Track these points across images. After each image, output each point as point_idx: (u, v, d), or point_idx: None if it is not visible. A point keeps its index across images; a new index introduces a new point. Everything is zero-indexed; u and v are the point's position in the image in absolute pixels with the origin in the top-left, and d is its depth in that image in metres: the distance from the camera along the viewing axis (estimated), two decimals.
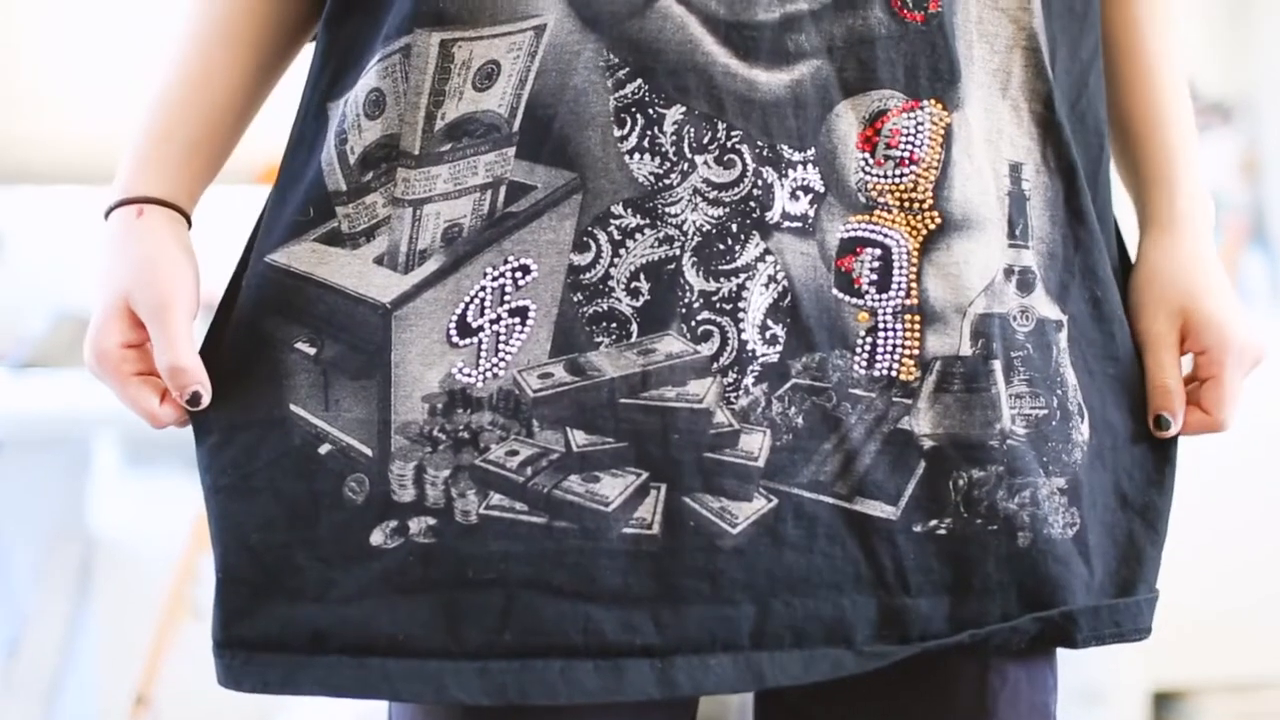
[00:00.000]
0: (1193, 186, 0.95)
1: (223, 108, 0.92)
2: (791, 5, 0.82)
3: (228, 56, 0.92)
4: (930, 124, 0.84)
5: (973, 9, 0.86)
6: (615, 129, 0.82)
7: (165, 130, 0.90)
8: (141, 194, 0.88)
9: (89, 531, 2.78)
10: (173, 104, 0.90)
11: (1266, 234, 3.56)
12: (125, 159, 0.90)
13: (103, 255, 0.87)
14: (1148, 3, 0.97)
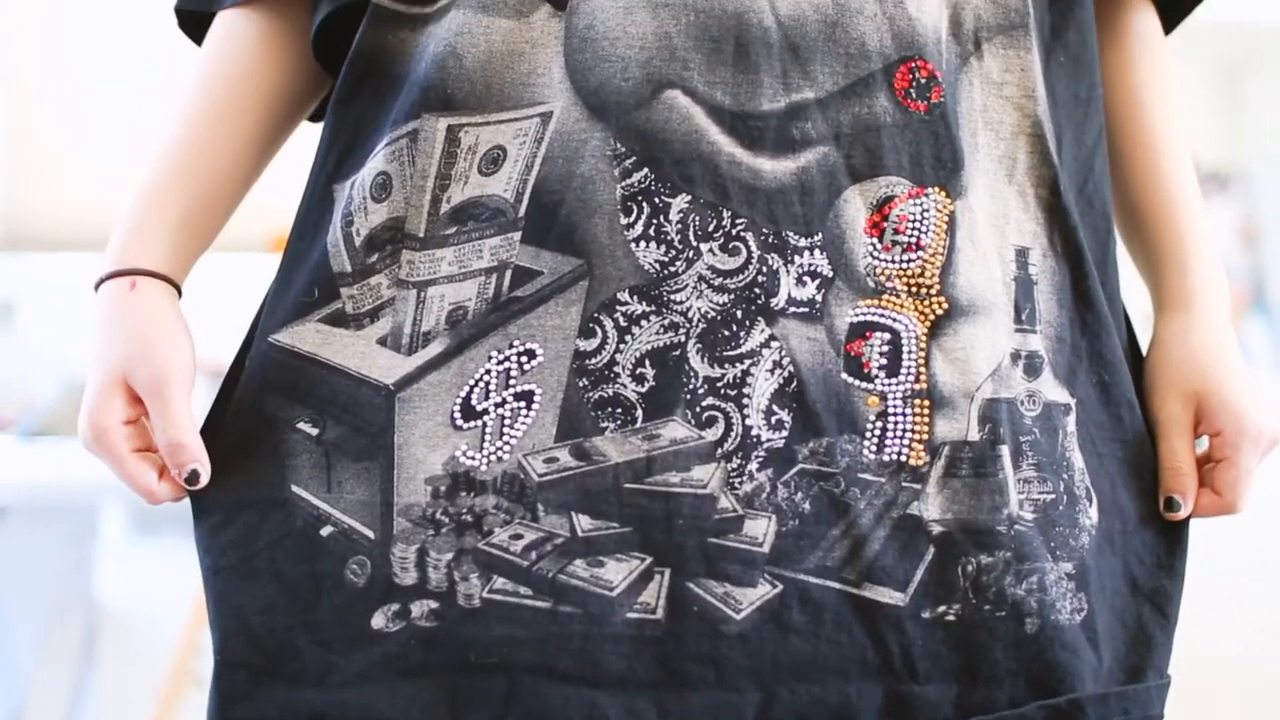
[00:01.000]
0: (1207, 267, 0.95)
1: (218, 181, 0.92)
2: (797, 94, 0.83)
3: (225, 130, 0.93)
4: (935, 211, 0.84)
5: (977, 97, 0.87)
6: (622, 217, 0.82)
7: (159, 202, 0.90)
8: (134, 266, 0.88)
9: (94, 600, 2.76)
10: (168, 176, 0.91)
11: (1267, 300, 3.57)
12: (118, 230, 0.90)
13: (96, 329, 0.87)
14: (1149, 84, 0.99)
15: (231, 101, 0.94)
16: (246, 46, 0.95)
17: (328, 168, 0.90)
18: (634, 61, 0.83)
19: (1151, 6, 1.03)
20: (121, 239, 0.89)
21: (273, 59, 0.95)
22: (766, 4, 0.83)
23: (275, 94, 0.96)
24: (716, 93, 0.83)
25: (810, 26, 0.84)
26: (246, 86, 0.94)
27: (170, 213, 0.90)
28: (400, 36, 0.89)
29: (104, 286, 0.88)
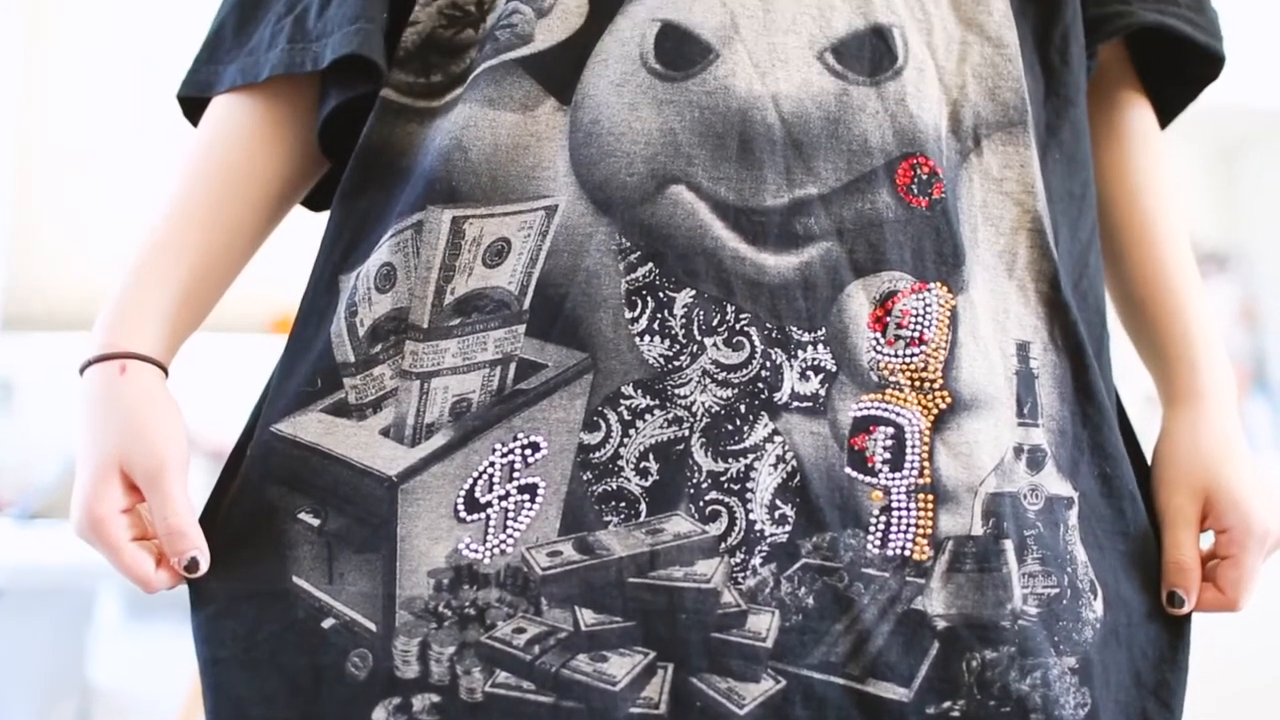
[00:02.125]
0: (1214, 362, 0.96)
1: (210, 264, 0.92)
2: (801, 190, 0.84)
3: (218, 213, 0.92)
4: (938, 306, 0.85)
5: (977, 193, 0.88)
6: (626, 311, 0.83)
7: (150, 284, 0.89)
8: (124, 349, 0.86)
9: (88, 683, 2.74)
10: (159, 257, 0.90)
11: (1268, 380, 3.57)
12: (106, 311, 0.88)
13: (85, 413, 0.85)
14: (1149, 179, 1.00)
15: (224, 185, 0.93)
16: (242, 130, 0.95)
17: (333, 258, 0.90)
18: (639, 157, 0.84)
19: (1147, 103, 1.05)
20: (110, 320, 0.88)
21: (268, 143, 0.95)
22: (770, 101, 0.85)
23: (270, 177, 0.95)
24: (720, 188, 0.83)
25: (813, 123, 0.85)
26: (240, 170, 0.94)
27: (161, 295, 0.89)
28: (408, 130, 0.90)
29: (92, 369, 0.86)
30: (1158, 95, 1.06)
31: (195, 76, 0.99)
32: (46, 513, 2.61)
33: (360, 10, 0.91)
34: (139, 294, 0.89)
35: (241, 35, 0.98)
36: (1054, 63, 0.96)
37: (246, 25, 0.98)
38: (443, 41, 0.92)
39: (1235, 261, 3.66)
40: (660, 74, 0.85)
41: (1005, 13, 0.92)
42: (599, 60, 0.87)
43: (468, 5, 0.92)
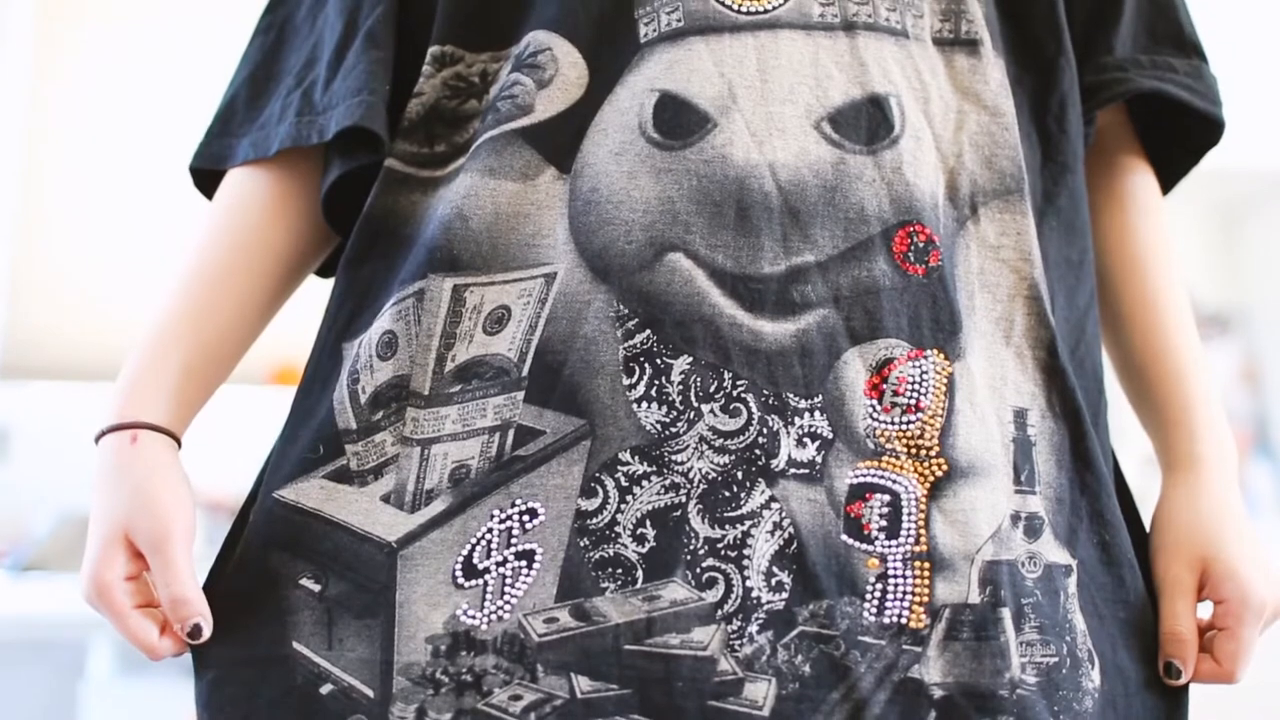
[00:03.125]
0: (1214, 430, 0.96)
1: (222, 335, 0.93)
2: (798, 258, 0.85)
3: (230, 285, 0.94)
4: (934, 373, 0.85)
5: (974, 260, 0.89)
6: (624, 377, 0.83)
7: (163, 355, 0.91)
8: (136, 419, 0.88)
9: None
10: (172, 329, 0.92)
11: (1270, 443, 3.57)
12: (120, 384, 0.90)
13: (97, 482, 0.87)
14: (1150, 246, 1.01)
15: (238, 257, 0.95)
16: (254, 203, 0.97)
17: (337, 326, 0.91)
18: (637, 225, 0.85)
19: (1149, 169, 1.05)
20: (124, 391, 0.90)
21: (280, 215, 0.97)
22: (767, 169, 0.85)
23: (282, 250, 0.97)
24: (718, 256, 0.84)
25: (810, 191, 0.86)
26: (253, 242, 0.96)
27: (173, 366, 0.91)
28: (411, 199, 0.92)
29: (106, 439, 0.88)
30: (1159, 161, 1.07)
31: (208, 149, 1.01)
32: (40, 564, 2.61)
33: (364, 83, 0.93)
34: (152, 365, 0.91)
35: (253, 109, 1.00)
36: (1051, 130, 0.97)
37: (258, 99, 1.00)
38: (446, 112, 0.94)
39: (1237, 323, 3.67)
40: (659, 143, 0.86)
41: (1001, 81, 0.94)
42: (598, 130, 0.88)
43: (471, 77, 0.94)
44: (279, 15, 1.05)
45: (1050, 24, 0.99)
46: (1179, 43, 1.04)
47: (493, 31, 0.95)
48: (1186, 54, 1.03)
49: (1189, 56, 1.03)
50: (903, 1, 0.93)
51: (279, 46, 1.03)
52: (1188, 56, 1.03)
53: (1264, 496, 3.44)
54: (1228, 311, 3.67)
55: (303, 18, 1.03)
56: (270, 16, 1.06)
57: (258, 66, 1.03)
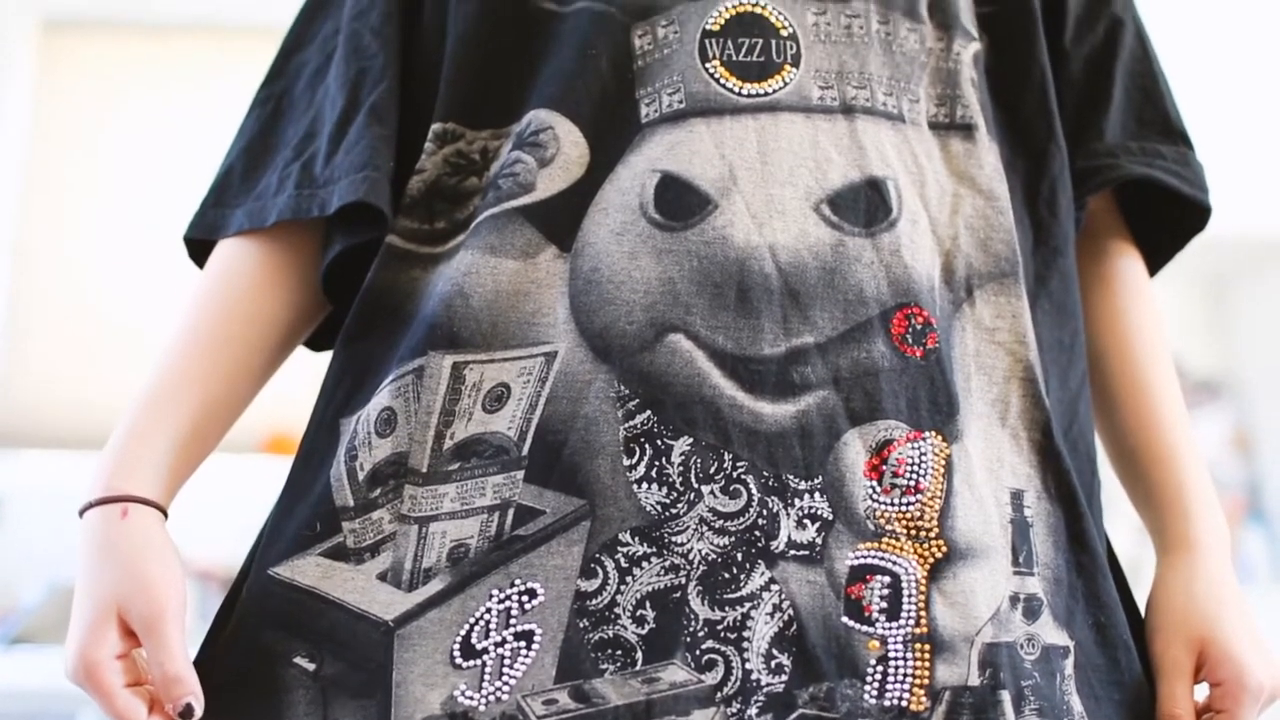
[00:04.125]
0: (1208, 511, 0.96)
1: (212, 407, 0.93)
2: (798, 339, 0.85)
3: (221, 356, 0.94)
4: (933, 454, 0.85)
5: (970, 343, 0.89)
6: (624, 458, 0.83)
7: (152, 427, 0.90)
8: (125, 493, 0.87)
9: None
10: (162, 401, 0.91)
11: (1264, 509, 3.56)
12: (108, 454, 0.89)
13: (84, 556, 0.86)
14: (1139, 328, 1.02)
15: (229, 326, 0.95)
16: (247, 272, 0.97)
17: (335, 401, 0.91)
18: (638, 306, 0.85)
19: (1136, 252, 1.07)
20: (112, 461, 0.88)
21: (273, 286, 0.97)
22: (767, 251, 0.86)
23: (274, 321, 0.97)
24: (718, 337, 0.84)
25: (810, 273, 0.86)
26: (245, 311, 0.96)
27: (163, 437, 0.90)
28: (411, 275, 0.92)
29: (93, 512, 0.87)
30: (1146, 245, 1.08)
31: (202, 219, 1.01)
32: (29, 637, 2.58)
33: (368, 159, 0.94)
34: (142, 436, 0.89)
35: (249, 180, 1.00)
36: (1043, 214, 0.98)
37: (254, 170, 1.01)
38: (447, 189, 0.94)
39: (1228, 390, 3.67)
40: (660, 224, 0.87)
41: (996, 166, 0.95)
42: (599, 209, 0.89)
43: (472, 154, 0.95)
44: (277, 88, 1.06)
45: (1042, 110, 1.00)
46: (1166, 130, 1.06)
47: (494, 109, 0.96)
48: (1174, 141, 1.05)
49: (1176, 144, 1.05)
50: (900, 87, 0.95)
51: (276, 119, 1.04)
52: (1175, 143, 1.05)
53: (1258, 563, 3.43)
54: (1218, 378, 3.68)
55: (301, 91, 1.04)
56: (268, 89, 1.06)
57: (254, 138, 1.03)
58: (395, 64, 1.00)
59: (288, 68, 1.06)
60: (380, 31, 1.01)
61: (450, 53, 0.99)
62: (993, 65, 1.01)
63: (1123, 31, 1.08)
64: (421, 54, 1.01)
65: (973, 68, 0.98)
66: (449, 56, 0.99)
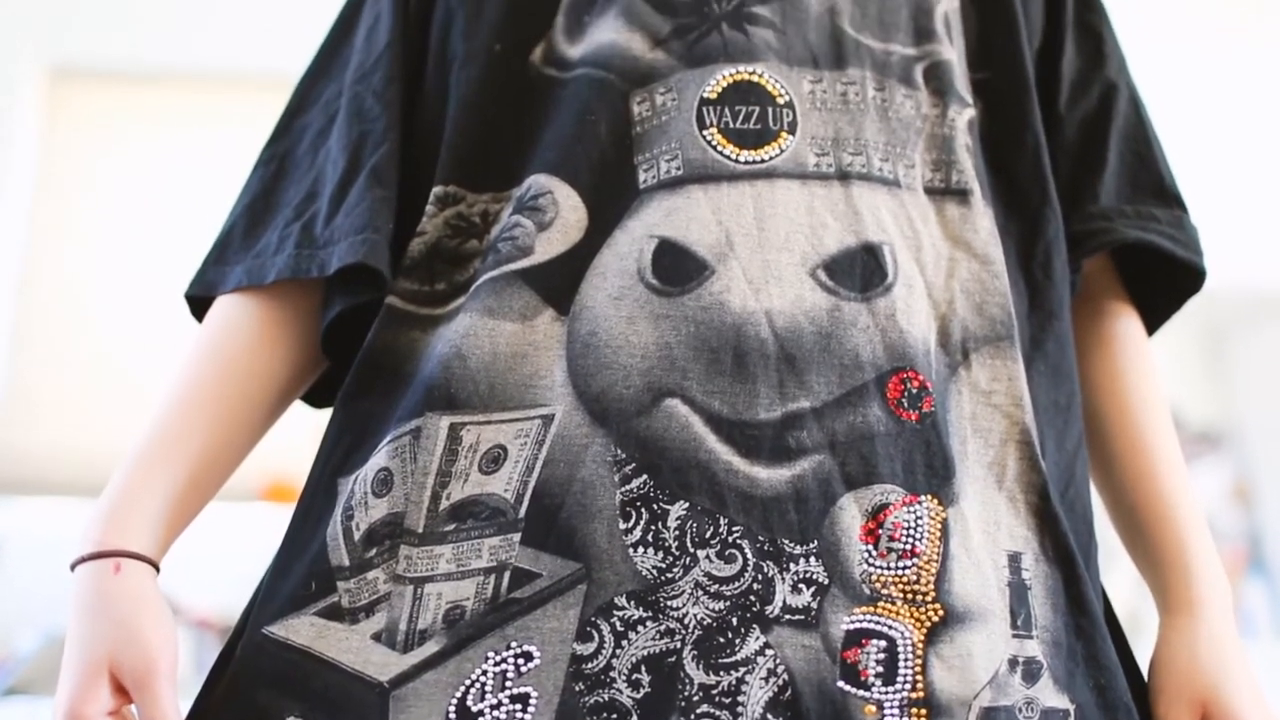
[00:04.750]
0: (1210, 571, 0.96)
1: (206, 463, 0.93)
2: (793, 404, 0.85)
3: (217, 412, 0.94)
4: (929, 518, 0.85)
5: (966, 406, 0.90)
6: (621, 522, 0.83)
7: (146, 483, 0.90)
8: (119, 548, 0.87)
9: None
10: (157, 456, 0.91)
11: (1265, 561, 3.56)
12: (102, 508, 0.89)
13: (77, 612, 0.86)
14: (1138, 388, 1.02)
15: (227, 383, 0.96)
16: (245, 328, 0.98)
17: (333, 461, 0.91)
18: (635, 370, 0.85)
19: (1134, 312, 1.07)
20: (106, 516, 0.88)
21: (271, 343, 0.98)
22: (763, 316, 0.86)
23: (271, 377, 0.98)
24: (714, 402, 0.85)
25: (806, 338, 0.86)
26: (242, 367, 0.96)
27: (157, 492, 0.90)
28: (411, 336, 0.93)
29: (85, 566, 0.87)
30: (1143, 305, 1.09)
31: (203, 277, 1.02)
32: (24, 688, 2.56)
33: (368, 220, 0.95)
34: (136, 490, 0.90)
35: (249, 238, 1.01)
36: (1037, 277, 0.98)
37: (255, 229, 1.02)
38: (448, 251, 0.95)
39: (1227, 441, 3.67)
40: (657, 289, 0.87)
41: (991, 230, 0.96)
42: (597, 273, 0.89)
43: (472, 216, 0.95)
44: (280, 148, 1.07)
45: (1036, 175, 1.01)
46: (1160, 193, 1.06)
47: (495, 173, 0.97)
48: (1168, 204, 1.06)
49: (1170, 207, 1.06)
50: (896, 153, 0.95)
51: (279, 179, 1.05)
52: (1169, 207, 1.06)
53: (1258, 615, 3.42)
54: (1218, 429, 3.68)
55: (304, 152, 1.05)
56: (271, 149, 1.07)
57: (256, 197, 1.04)
58: (397, 127, 1.01)
59: (291, 128, 1.08)
60: (382, 95, 1.02)
61: (452, 117, 1.00)
62: (987, 130, 1.02)
63: (1117, 96, 1.09)
64: (423, 117, 1.03)
65: (967, 133, 0.99)
66: (451, 120, 1.00)
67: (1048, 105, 1.07)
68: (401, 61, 1.04)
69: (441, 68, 1.03)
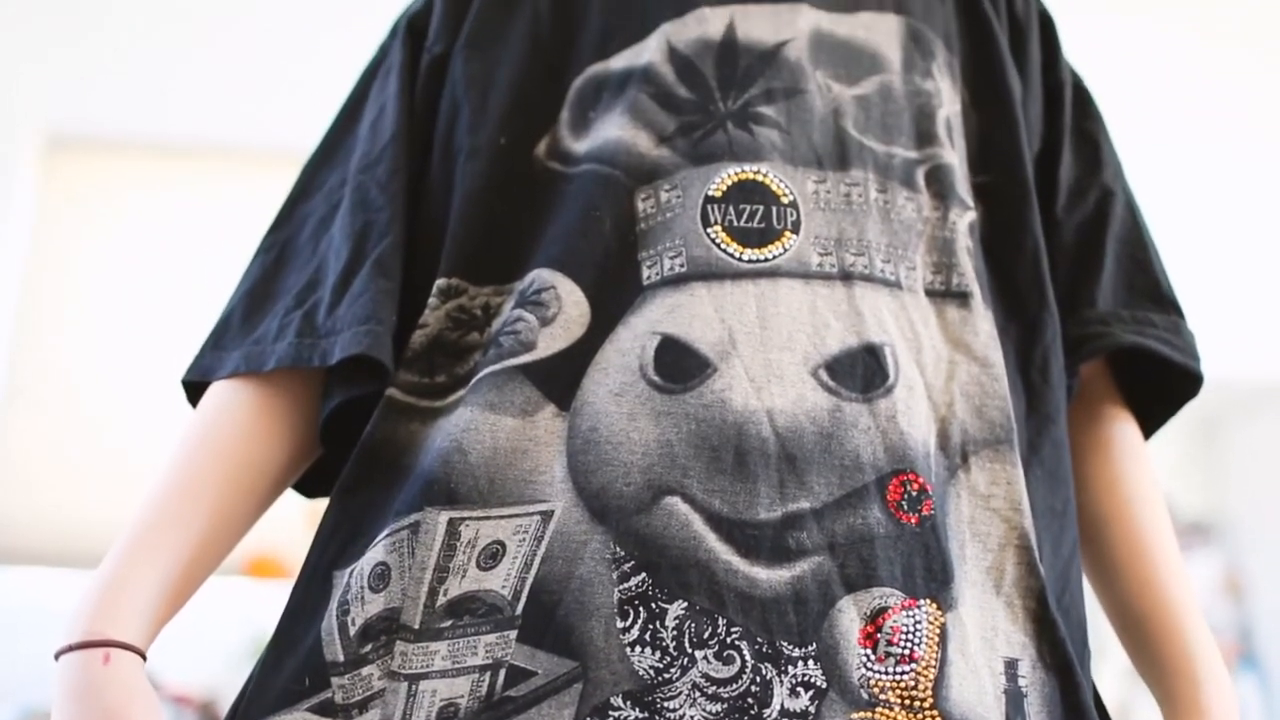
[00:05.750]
0: (1216, 676, 0.96)
1: (198, 551, 0.92)
2: (794, 504, 0.85)
3: (208, 500, 0.93)
4: (927, 623, 0.84)
5: (965, 509, 0.89)
6: (618, 620, 0.82)
7: (137, 570, 0.88)
8: (108, 638, 0.85)
9: None
10: (147, 544, 0.90)
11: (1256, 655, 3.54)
12: (91, 596, 0.87)
13: (61, 701, 0.84)
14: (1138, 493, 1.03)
15: (218, 471, 0.94)
16: (240, 415, 0.97)
17: (329, 553, 0.90)
18: (636, 467, 0.85)
19: (1130, 416, 1.08)
20: (95, 604, 0.87)
21: (266, 431, 0.97)
22: (765, 415, 0.86)
23: (265, 466, 0.97)
24: (715, 500, 0.84)
25: (807, 438, 0.86)
26: (235, 457, 0.95)
27: (147, 583, 0.88)
28: (411, 429, 0.92)
29: (73, 655, 0.85)
30: (1139, 409, 1.09)
31: (200, 362, 1.02)
32: None
33: (371, 312, 0.95)
34: (125, 579, 0.88)
35: (248, 324, 1.01)
36: (1035, 381, 0.99)
37: (254, 315, 1.01)
38: (448, 344, 0.95)
39: (1219, 532, 3.67)
40: (659, 386, 0.87)
41: (990, 334, 0.96)
42: (599, 369, 0.89)
43: (474, 309, 0.95)
44: (281, 235, 1.07)
45: (1035, 279, 1.02)
46: (1157, 298, 1.07)
47: (497, 267, 0.97)
48: (1165, 309, 1.07)
49: (1167, 312, 1.07)
50: (897, 254, 0.96)
51: (280, 266, 1.05)
52: (1166, 312, 1.07)
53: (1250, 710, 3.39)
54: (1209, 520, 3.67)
55: (305, 240, 1.05)
56: (272, 236, 1.07)
57: (256, 284, 1.04)
58: (401, 218, 1.01)
59: (292, 216, 1.08)
60: (387, 185, 1.02)
61: (456, 209, 1.00)
62: (987, 233, 1.03)
63: (1113, 201, 1.10)
64: (427, 208, 1.03)
65: (968, 236, 1.00)
66: (455, 212, 1.00)
67: (1046, 209, 1.08)
68: (406, 153, 1.05)
69: (447, 160, 1.04)
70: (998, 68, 1.10)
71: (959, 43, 1.11)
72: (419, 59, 1.10)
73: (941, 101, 1.05)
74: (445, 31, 1.10)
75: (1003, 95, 1.09)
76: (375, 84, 1.12)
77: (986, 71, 1.10)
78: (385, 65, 1.12)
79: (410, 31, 1.12)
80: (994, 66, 1.10)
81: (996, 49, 1.11)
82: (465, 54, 1.08)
